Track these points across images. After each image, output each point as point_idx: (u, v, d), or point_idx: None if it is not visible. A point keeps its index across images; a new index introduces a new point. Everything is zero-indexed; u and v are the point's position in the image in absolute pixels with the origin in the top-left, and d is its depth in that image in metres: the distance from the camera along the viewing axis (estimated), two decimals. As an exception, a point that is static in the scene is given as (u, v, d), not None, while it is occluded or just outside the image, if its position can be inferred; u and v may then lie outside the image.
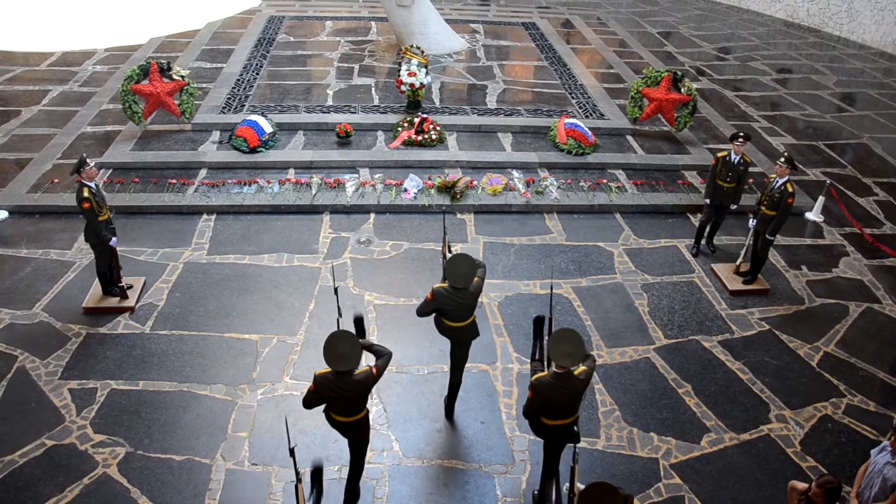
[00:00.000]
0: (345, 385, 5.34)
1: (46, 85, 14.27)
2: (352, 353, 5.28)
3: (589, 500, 4.25)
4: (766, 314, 8.74)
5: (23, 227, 9.66)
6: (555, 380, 5.42)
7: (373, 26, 17.96)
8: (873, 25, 20.18)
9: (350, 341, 5.30)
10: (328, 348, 5.27)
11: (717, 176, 9.29)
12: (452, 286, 6.33)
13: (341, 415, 5.57)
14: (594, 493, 4.26)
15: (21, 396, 6.98)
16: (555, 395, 5.46)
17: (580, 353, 5.36)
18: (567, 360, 5.31)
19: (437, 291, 6.40)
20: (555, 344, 5.37)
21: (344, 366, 5.27)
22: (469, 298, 6.41)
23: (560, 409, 5.58)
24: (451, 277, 6.30)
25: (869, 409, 7.43)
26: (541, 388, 5.47)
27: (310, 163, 11.18)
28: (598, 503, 4.23)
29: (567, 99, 13.86)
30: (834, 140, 13.81)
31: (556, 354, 5.33)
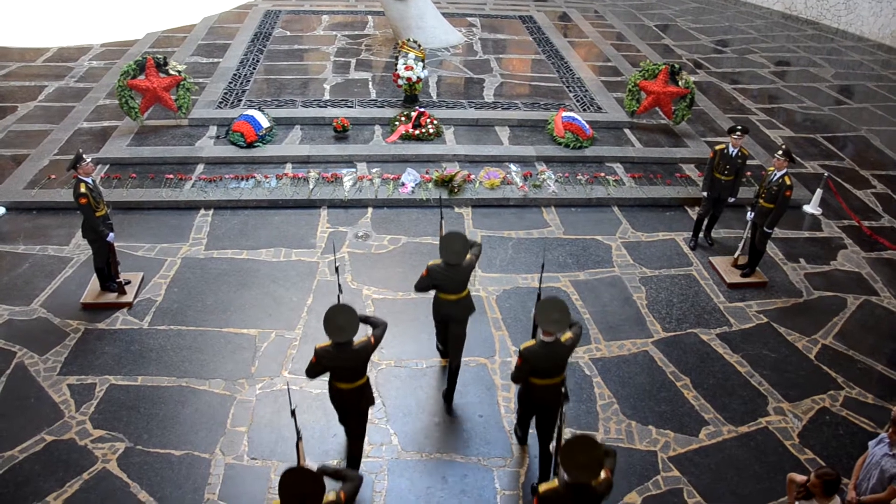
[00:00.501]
0: (345, 355, 5.63)
1: (42, 81, 14.22)
2: (350, 324, 5.54)
3: (571, 452, 4.37)
4: (764, 307, 8.75)
5: (20, 224, 9.65)
6: (542, 347, 5.63)
7: (369, 20, 17.92)
8: (871, 17, 20.15)
9: (348, 314, 5.54)
10: (328, 321, 5.52)
11: (715, 169, 9.29)
12: (446, 262, 6.61)
13: (345, 382, 5.80)
14: (576, 445, 4.38)
15: (20, 392, 6.98)
16: (542, 361, 5.67)
17: (566, 320, 5.55)
18: (554, 326, 5.51)
19: (432, 268, 6.70)
20: (542, 311, 5.57)
21: (343, 337, 5.55)
22: (462, 274, 6.71)
23: (546, 373, 5.76)
24: (445, 254, 6.58)
25: (867, 401, 7.44)
26: (528, 355, 5.66)
27: (307, 157, 11.16)
28: (580, 454, 4.35)
29: (564, 92, 13.84)
30: (832, 133, 13.80)
31: (544, 321, 5.52)
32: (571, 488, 4.50)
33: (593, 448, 4.40)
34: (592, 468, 4.43)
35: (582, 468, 4.41)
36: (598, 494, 4.57)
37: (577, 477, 4.44)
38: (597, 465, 4.45)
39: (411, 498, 6.12)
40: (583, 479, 4.44)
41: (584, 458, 4.40)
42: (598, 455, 4.44)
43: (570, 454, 4.43)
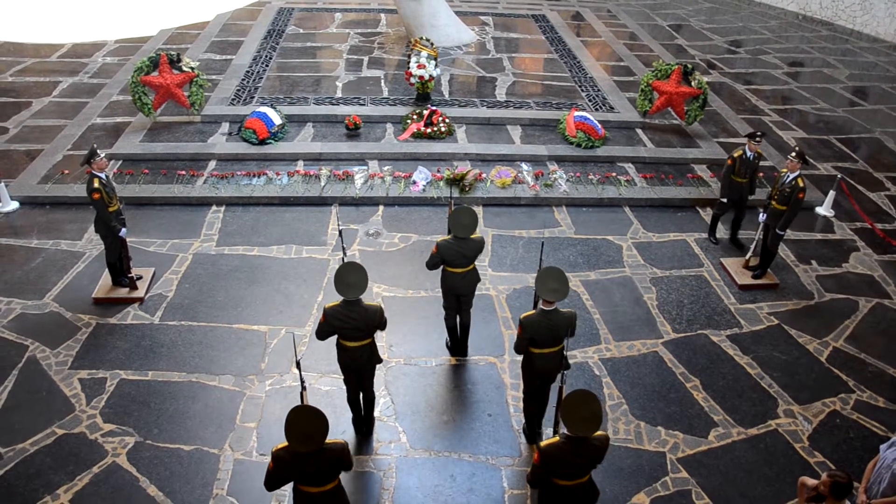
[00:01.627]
0: (354, 313, 5.86)
1: (57, 76, 14.31)
2: (360, 281, 5.81)
3: (571, 406, 4.65)
4: (775, 309, 8.70)
5: (33, 218, 9.71)
6: (541, 316, 5.90)
7: (382, 18, 17.93)
8: (887, 18, 19.99)
9: (358, 271, 5.82)
10: (338, 278, 5.79)
11: (735, 173, 9.35)
12: (455, 236, 6.93)
13: (353, 341, 6.02)
14: (576, 399, 4.66)
15: (32, 385, 7.03)
16: (541, 330, 5.92)
17: (564, 289, 5.80)
18: (552, 294, 5.77)
19: (441, 244, 7.02)
20: (542, 280, 5.83)
21: (353, 294, 5.79)
22: (471, 248, 7.03)
23: (546, 342, 6.00)
24: (455, 228, 6.89)
25: (878, 405, 7.39)
26: (528, 324, 5.93)
27: (319, 155, 11.18)
28: (581, 408, 4.62)
29: (577, 92, 13.81)
30: (845, 134, 13.71)
31: (543, 290, 5.79)
32: (572, 442, 4.73)
33: (593, 402, 4.64)
34: (592, 421, 4.64)
35: (582, 421, 4.63)
36: (597, 449, 4.80)
37: (577, 430, 4.64)
38: (596, 418, 4.65)
39: (419, 496, 6.13)
40: (583, 431, 4.65)
41: (584, 412, 4.63)
42: (597, 409, 4.65)
43: (570, 408, 4.67)
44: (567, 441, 4.75)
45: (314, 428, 4.52)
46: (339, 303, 5.90)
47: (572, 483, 4.91)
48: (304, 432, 4.51)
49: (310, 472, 4.72)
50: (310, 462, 4.66)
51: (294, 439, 4.52)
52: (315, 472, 4.72)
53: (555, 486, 4.95)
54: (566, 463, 4.80)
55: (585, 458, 4.82)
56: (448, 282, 7.22)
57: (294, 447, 4.56)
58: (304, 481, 4.80)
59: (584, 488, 4.99)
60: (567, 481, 4.92)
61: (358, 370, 6.26)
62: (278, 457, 4.69)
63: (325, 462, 4.71)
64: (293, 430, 4.51)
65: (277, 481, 4.79)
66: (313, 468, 4.69)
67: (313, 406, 4.64)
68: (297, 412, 4.55)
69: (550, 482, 4.95)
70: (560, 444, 4.78)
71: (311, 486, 4.81)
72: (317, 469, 4.70)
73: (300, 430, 4.51)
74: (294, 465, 4.67)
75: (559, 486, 4.94)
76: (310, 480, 4.77)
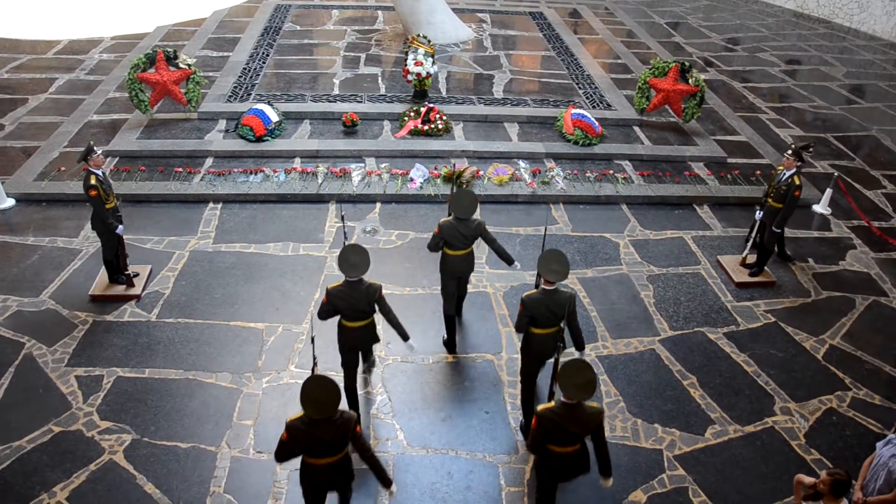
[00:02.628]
0: (356, 293, 6.12)
1: (53, 73, 14.28)
2: (362, 262, 6.07)
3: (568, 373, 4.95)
4: (772, 306, 8.72)
5: (30, 215, 9.69)
6: (542, 295, 6.16)
7: (379, 15, 17.92)
8: (884, 16, 20.02)
9: (360, 253, 6.09)
10: (342, 259, 6.05)
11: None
12: (457, 217, 7.15)
13: (354, 321, 6.29)
14: (572, 367, 4.96)
15: (28, 383, 7.02)
16: (541, 308, 6.17)
17: (565, 271, 6.07)
18: (554, 275, 6.04)
19: (443, 224, 7.24)
20: (544, 262, 6.10)
21: (355, 273, 6.05)
22: (471, 229, 7.23)
23: (545, 321, 6.23)
24: (456, 209, 7.11)
25: (874, 402, 7.41)
26: (530, 302, 6.18)
27: (316, 152, 11.17)
28: (576, 375, 4.93)
29: (574, 89, 13.81)
30: (842, 132, 13.73)
31: (545, 271, 6.06)
32: (567, 407, 5.04)
33: (588, 371, 4.96)
34: (587, 388, 4.95)
35: (578, 388, 4.94)
36: (590, 417, 5.10)
37: (572, 395, 4.97)
38: (591, 385, 4.96)
39: (416, 493, 6.13)
40: (578, 397, 4.97)
41: (579, 379, 4.94)
42: (591, 376, 4.97)
43: (567, 375, 4.96)
44: (562, 407, 5.05)
45: (327, 395, 4.78)
46: (341, 283, 6.14)
47: (567, 450, 5.26)
48: (318, 399, 4.77)
49: (321, 441, 4.92)
50: (321, 430, 4.88)
51: (309, 406, 4.77)
52: (326, 440, 4.93)
53: (551, 453, 5.28)
54: (561, 428, 5.08)
55: (579, 425, 5.10)
56: (448, 265, 7.42)
57: (309, 414, 4.81)
58: (314, 453, 5.02)
59: (579, 455, 5.33)
60: (561, 448, 5.24)
61: (357, 349, 6.55)
62: (293, 426, 4.91)
63: (335, 430, 4.92)
64: (308, 398, 4.77)
65: (289, 452, 5.02)
66: (325, 436, 4.90)
67: (326, 375, 4.86)
68: (311, 381, 4.81)
69: (546, 449, 5.27)
70: (556, 409, 5.08)
71: (320, 458, 5.04)
72: (328, 437, 4.92)
73: (314, 398, 4.77)
74: (307, 434, 4.89)
75: (554, 453, 5.27)
76: (320, 451, 4.99)
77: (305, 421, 4.87)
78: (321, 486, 5.24)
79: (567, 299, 6.18)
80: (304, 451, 5.03)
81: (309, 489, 5.23)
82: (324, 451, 5.00)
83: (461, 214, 7.12)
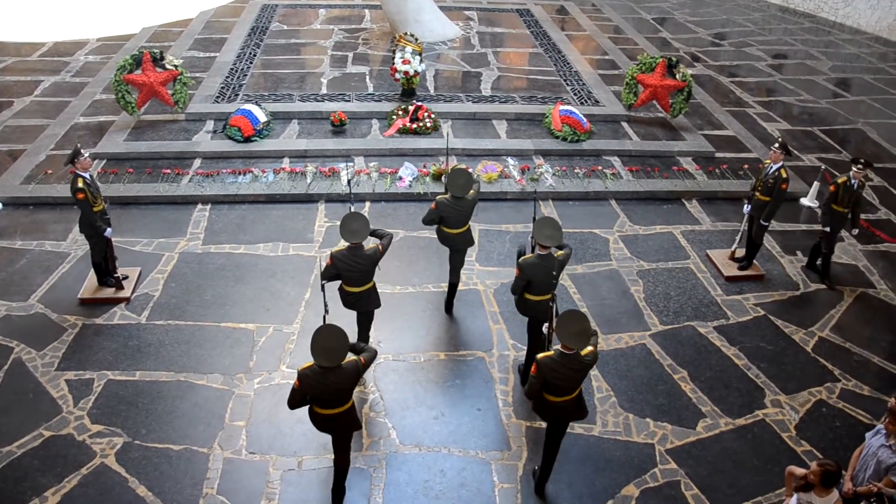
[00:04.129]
0: (357, 257, 6.56)
1: (38, 75, 14.18)
2: (362, 228, 6.52)
3: (564, 323, 5.34)
4: (762, 300, 8.76)
5: (17, 219, 9.63)
6: (538, 259, 6.56)
7: (366, 14, 17.88)
8: (868, 10, 20.15)
9: (360, 220, 6.53)
10: (343, 225, 6.48)
11: (836, 202, 8.67)
12: (453, 196, 7.51)
13: (354, 286, 6.75)
14: (568, 318, 5.35)
15: (18, 387, 6.98)
16: (538, 271, 6.55)
17: (558, 236, 6.49)
18: (548, 240, 6.47)
19: (440, 201, 7.60)
20: (538, 228, 6.51)
21: (356, 239, 6.49)
22: (466, 206, 7.60)
23: (540, 287, 6.62)
24: (452, 187, 7.49)
25: (863, 393, 7.47)
26: (526, 265, 6.60)
27: (304, 151, 11.15)
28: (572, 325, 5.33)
29: (562, 86, 13.83)
30: (829, 125, 13.81)
31: (539, 236, 6.46)
32: (564, 356, 5.41)
33: (583, 320, 5.36)
34: (582, 337, 5.33)
35: (573, 336, 5.32)
36: (586, 363, 5.46)
37: (569, 343, 5.33)
38: (586, 334, 5.36)
39: (409, 491, 6.14)
40: (574, 345, 5.34)
41: (575, 328, 5.33)
42: (586, 326, 5.36)
43: (563, 325, 5.35)
44: (560, 355, 5.41)
45: (335, 343, 5.17)
46: (344, 248, 6.61)
47: (563, 399, 5.60)
48: (327, 347, 5.16)
49: (329, 390, 5.29)
50: (330, 377, 5.24)
51: (318, 354, 5.15)
52: (334, 389, 5.29)
53: (548, 403, 5.64)
54: (558, 375, 5.43)
55: (575, 372, 5.46)
56: (445, 242, 7.88)
57: (318, 362, 5.17)
58: (323, 403, 5.41)
59: (575, 404, 5.68)
60: (558, 398, 5.59)
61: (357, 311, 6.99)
62: (303, 374, 5.27)
63: (344, 377, 5.29)
64: (318, 346, 5.15)
65: (300, 400, 5.41)
66: (333, 383, 5.26)
67: (335, 325, 5.26)
68: (321, 330, 5.21)
69: (544, 400, 5.62)
70: (553, 357, 5.43)
71: (328, 409, 5.43)
72: (336, 385, 5.28)
73: (324, 346, 5.15)
74: (316, 381, 5.25)
75: (551, 403, 5.62)
76: (328, 401, 5.38)
77: (315, 369, 5.22)
78: (328, 429, 5.65)
79: (562, 265, 6.61)
80: (314, 399, 5.41)
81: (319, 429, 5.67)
82: (332, 400, 5.38)
83: (457, 193, 7.48)
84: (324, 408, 5.45)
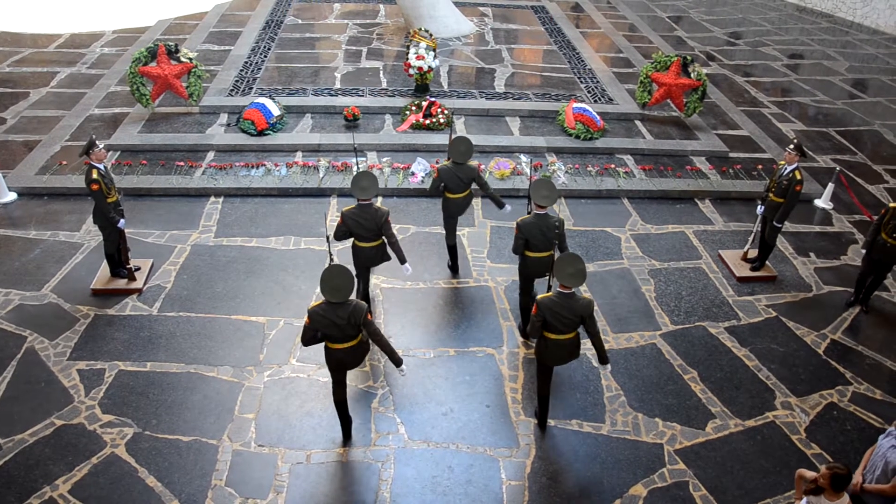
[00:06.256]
0: (366, 214, 7.08)
1: (54, 67, 14.27)
2: (372, 185, 7.03)
3: (562, 265, 5.93)
4: (774, 301, 8.71)
5: (31, 209, 9.70)
6: (535, 218, 7.09)
7: (381, 9, 17.88)
8: (888, 10, 19.96)
9: (370, 178, 7.05)
10: (354, 183, 7.02)
11: (883, 228, 8.07)
12: (454, 161, 8.01)
13: (365, 241, 7.27)
14: (565, 259, 5.96)
15: (30, 376, 7.04)
16: (534, 230, 7.10)
17: (554, 196, 7.02)
18: (544, 200, 6.96)
19: (442, 168, 8.08)
20: (535, 189, 7.01)
21: (366, 195, 7.01)
22: (466, 173, 8.08)
23: (538, 245, 7.18)
24: (453, 154, 8.00)
25: (875, 397, 7.41)
26: (524, 225, 7.12)
27: (317, 146, 11.17)
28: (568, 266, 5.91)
29: (576, 83, 13.78)
30: (845, 127, 13.70)
31: (537, 196, 6.96)
32: (562, 296, 5.99)
33: (578, 262, 5.95)
34: (578, 276, 5.92)
35: (570, 276, 5.90)
36: (582, 305, 6.01)
37: (566, 282, 5.90)
38: (581, 274, 5.93)
39: (417, 487, 6.15)
40: (570, 284, 5.91)
41: (571, 269, 5.92)
42: (582, 267, 5.94)
43: (561, 266, 5.92)
44: (558, 295, 5.99)
45: (343, 281, 5.69)
46: (353, 206, 7.09)
47: (563, 337, 6.16)
48: (335, 285, 5.67)
49: (337, 325, 5.76)
50: (339, 311, 5.74)
51: (327, 291, 5.67)
52: (341, 324, 5.75)
53: (548, 340, 6.18)
54: (557, 314, 5.99)
55: (573, 312, 5.99)
56: (448, 208, 8.34)
57: (327, 299, 5.69)
58: (333, 339, 5.89)
59: (571, 344, 6.26)
60: (557, 335, 6.15)
61: (368, 266, 7.54)
62: (313, 311, 5.78)
63: (349, 314, 5.76)
64: (327, 284, 5.67)
65: (312, 336, 5.90)
66: (340, 319, 5.74)
67: (341, 264, 5.79)
68: (329, 269, 5.73)
69: (545, 338, 6.17)
70: (552, 297, 6.02)
71: (339, 343, 5.92)
72: (343, 321, 5.75)
73: (332, 284, 5.67)
74: (325, 317, 5.74)
75: (551, 340, 6.17)
76: (338, 336, 5.86)
77: (324, 307, 5.74)
78: (343, 364, 6.10)
79: (557, 224, 7.10)
80: (325, 335, 5.88)
81: (333, 369, 6.14)
82: (341, 336, 5.85)
83: (458, 159, 8.00)
84: (336, 343, 5.92)
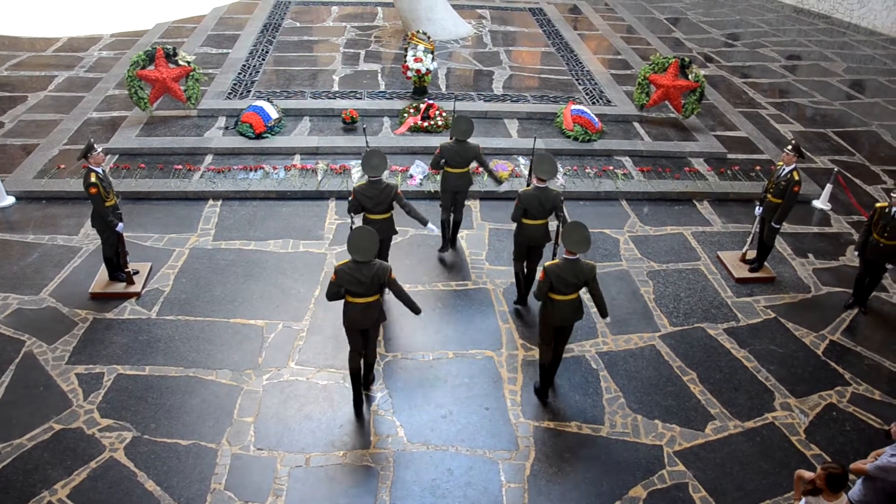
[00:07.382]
0: (377, 189, 7.52)
1: (52, 70, 14.27)
2: (382, 164, 7.48)
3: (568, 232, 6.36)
4: (772, 302, 8.72)
5: (30, 213, 9.69)
6: (535, 191, 7.57)
7: (379, 12, 17.89)
8: (884, 11, 19.99)
9: (380, 156, 7.51)
10: (365, 160, 7.44)
11: (873, 228, 8.11)
12: (456, 140, 8.53)
13: (376, 214, 7.65)
14: (571, 227, 6.37)
15: (29, 381, 7.02)
16: (534, 202, 7.56)
17: (554, 171, 7.52)
18: (545, 174, 7.49)
19: (443, 144, 8.62)
20: (537, 164, 7.55)
21: (376, 173, 7.46)
22: (466, 151, 8.59)
23: (535, 214, 7.63)
24: (455, 132, 8.50)
25: (874, 397, 7.41)
26: (524, 195, 7.59)
27: (316, 149, 11.17)
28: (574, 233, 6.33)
29: (574, 85, 13.79)
30: (842, 127, 13.72)
31: (538, 170, 7.51)
32: (567, 262, 6.40)
33: (584, 230, 6.34)
34: (583, 243, 6.33)
35: (575, 243, 6.32)
36: (587, 269, 6.47)
37: (571, 248, 6.32)
38: (586, 241, 6.33)
39: (416, 490, 6.14)
40: (576, 250, 6.33)
41: (576, 236, 6.32)
42: (587, 235, 6.35)
43: (567, 233, 6.36)
44: (564, 261, 6.40)
45: (368, 242, 6.15)
46: (365, 182, 7.54)
47: (566, 298, 6.56)
48: (362, 245, 6.13)
49: (362, 282, 6.20)
50: (364, 269, 6.18)
51: (355, 251, 6.12)
52: (366, 282, 6.20)
53: (553, 301, 6.57)
54: (562, 278, 6.41)
55: (577, 276, 6.43)
56: (447, 181, 8.71)
57: (354, 257, 6.14)
58: (355, 293, 6.29)
59: (574, 304, 6.66)
60: (561, 296, 6.54)
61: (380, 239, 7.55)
62: (340, 269, 6.23)
63: (374, 273, 6.21)
64: (355, 245, 6.12)
65: (336, 292, 6.32)
66: (365, 278, 6.18)
67: (368, 227, 6.38)
68: (357, 231, 6.22)
69: (550, 298, 6.56)
70: (559, 263, 6.44)
71: (360, 298, 6.32)
72: (367, 279, 6.19)
73: (358, 245, 6.12)
74: (351, 275, 6.18)
75: (556, 300, 6.56)
76: (360, 292, 6.27)
77: (350, 265, 6.18)
78: (358, 322, 6.44)
79: (554, 198, 7.55)
80: (348, 291, 6.29)
81: (349, 326, 6.50)
82: (363, 292, 6.27)
83: (460, 137, 8.50)
84: (357, 297, 6.31)
